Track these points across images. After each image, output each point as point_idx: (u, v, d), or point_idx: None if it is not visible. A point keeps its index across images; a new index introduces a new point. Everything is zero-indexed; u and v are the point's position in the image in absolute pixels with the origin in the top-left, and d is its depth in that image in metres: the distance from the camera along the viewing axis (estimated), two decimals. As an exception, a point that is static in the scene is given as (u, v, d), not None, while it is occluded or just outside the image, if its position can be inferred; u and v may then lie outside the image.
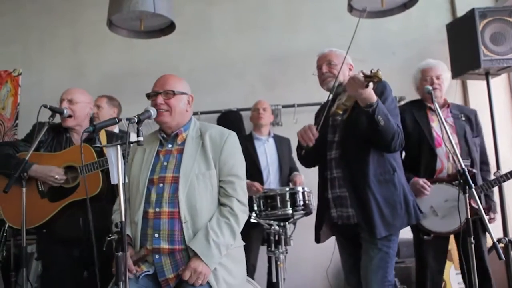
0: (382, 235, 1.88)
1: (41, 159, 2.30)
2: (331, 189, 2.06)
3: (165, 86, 1.80)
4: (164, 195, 1.72)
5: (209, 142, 1.79)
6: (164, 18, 2.71)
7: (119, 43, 3.80)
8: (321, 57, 2.18)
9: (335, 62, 2.12)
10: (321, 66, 2.15)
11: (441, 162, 2.40)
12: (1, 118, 4.05)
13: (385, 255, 1.92)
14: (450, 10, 3.86)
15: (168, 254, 1.70)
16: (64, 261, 2.27)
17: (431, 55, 3.72)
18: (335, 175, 2.04)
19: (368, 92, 1.78)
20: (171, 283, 1.70)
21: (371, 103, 1.80)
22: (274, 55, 3.95)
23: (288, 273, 2.77)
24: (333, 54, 2.15)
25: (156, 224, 1.70)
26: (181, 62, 3.97)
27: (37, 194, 2.29)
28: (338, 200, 2.03)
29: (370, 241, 1.93)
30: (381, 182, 1.93)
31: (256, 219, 2.63)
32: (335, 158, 2.04)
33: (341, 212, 2.02)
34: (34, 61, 4.20)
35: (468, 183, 1.88)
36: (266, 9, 4.05)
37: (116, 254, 1.46)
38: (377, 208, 1.89)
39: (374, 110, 1.79)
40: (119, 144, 1.56)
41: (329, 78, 2.10)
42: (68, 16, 4.24)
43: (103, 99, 3.15)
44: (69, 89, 2.43)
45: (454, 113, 2.50)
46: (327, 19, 3.91)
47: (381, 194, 1.91)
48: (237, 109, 3.83)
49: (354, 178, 1.94)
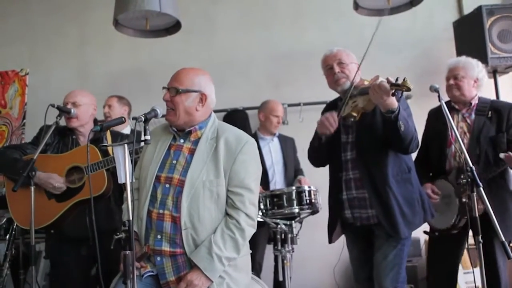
0: (406, 235, 1.91)
1: (48, 160, 2.32)
2: (346, 190, 2.04)
3: (173, 81, 1.73)
4: (169, 197, 1.67)
5: (223, 147, 1.69)
6: (170, 17, 2.72)
7: (125, 43, 3.81)
8: (330, 57, 2.11)
9: (346, 62, 2.08)
10: (332, 66, 2.09)
11: (449, 162, 2.39)
12: (9, 118, 4.08)
13: (399, 252, 1.93)
14: (457, 7, 3.83)
15: (170, 256, 1.66)
16: (72, 259, 2.29)
17: (437, 53, 3.73)
18: (351, 176, 2.02)
19: (391, 99, 1.77)
20: (172, 286, 1.66)
21: (392, 109, 1.79)
22: (279, 54, 3.95)
23: (295, 271, 2.77)
24: (343, 54, 2.10)
25: (159, 226, 1.66)
26: (187, 61, 3.96)
27: (44, 195, 2.31)
28: (355, 201, 2.02)
29: (386, 238, 1.94)
30: (399, 182, 1.95)
31: (262, 217, 2.63)
32: (352, 159, 2.02)
33: (359, 213, 2.01)
34: (40, 61, 4.23)
35: (475, 181, 1.87)
36: (271, 7, 4.04)
37: (123, 252, 1.47)
38: (398, 208, 1.90)
39: (396, 117, 1.78)
40: (126, 143, 1.57)
41: (343, 79, 2.06)
42: (75, 16, 4.25)
43: (114, 99, 3.20)
44: (71, 92, 2.44)
45: (479, 110, 2.39)
46: (332, 17, 3.89)
47: (401, 193, 1.93)
48: (242, 108, 3.84)
49: (374, 179, 1.94)
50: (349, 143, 2.04)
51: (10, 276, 2.99)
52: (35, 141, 2.42)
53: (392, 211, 1.89)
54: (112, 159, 2.23)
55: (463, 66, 2.44)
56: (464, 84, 2.41)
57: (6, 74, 4.16)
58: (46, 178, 2.26)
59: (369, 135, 1.96)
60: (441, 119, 2.35)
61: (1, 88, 4.13)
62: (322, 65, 2.17)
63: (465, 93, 2.42)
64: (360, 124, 1.99)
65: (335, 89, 2.11)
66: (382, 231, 1.95)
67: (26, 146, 2.41)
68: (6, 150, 2.39)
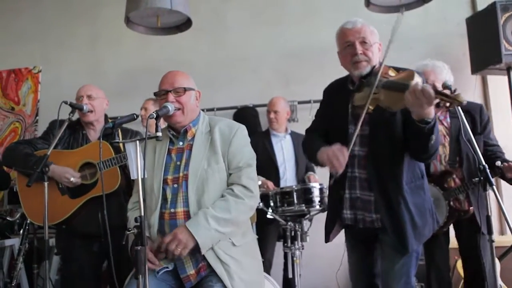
0: (414, 248, 1.70)
1: (60, 156, 2.33)
2: (349, 189, 1.81)
3: (174, 83, 1.76)
4: (178, 195, 1.71)
5: (218, 136, 1.75)
6: (181, 15, 2.73)
7: (135, 40, 3.84)
8: (352, 32, 1.75)
9: (370, 41, 1.74)
10: (354, 43, 1.74)
11: (434, 165, 2.37)
12: (22, 115, 4.15)
13: (408, 261, 1.73)
14: (470, 3, 3.77)
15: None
16: (84, 255, 2.31)
17: (449, 49, 3.68)
18: (357, 174, 1.78)
19: (431, 108, 1.50)
20: (192, 279, 1.69)
21: (428, 120, 1.52)
22: (289, 51, 3.94)
23: (304, 269, 2.77)
24: (368, 30, 1.76)
25: (173, 225, 1.68)
26: (197, 58, 3.99)
27: (57, 192, 2.32)
28: (358, 202, 1.79)
29: (392, 246, 1.73)
30: (413, 189, 1.73)
31: (272, 215, 2.64)
32: (359, 156, 1.77)
33: (362, 215, 1.79)
34: (53, 58, 4.28)
35: (489, 180, 1.85)
36: (282, 4, 4.03)
37: (135, 248, 1.47)
38: (410, 220, 1.69)
39: (431, 129, 1.53)
40: (138, 140, 1.58)
41: (364, 62, 1.73)
42: (86, 14, 4.30)
43: (150, 102, 3.23)
44: (85, 85, 2.46)
45: (453, 112, 2.35)
46: (343, 14, 3.82)
47: (414, 203, 1.71)
48: (253, 105, 3.84)
49: (385, 184, 1.70)
50: (358, 136, 1.71)
51: (24, 270, 3.04)
52: (45, 136, 2.44)
53: (402, 223, 1.68)
54: (125, 156, 2.24)
55: (431, 69, 2.38)
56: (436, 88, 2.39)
57: (20, 71, 4.22)
58: (62, 172, 2.27)
59: (385, 132, 1.69)
60: None
61: (15, 85, 4.19)
62: (338, 40, 1.82)
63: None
64: (375, 117, 1.70)
65: (350, 71, 1.80)
66: (385, 237, 1.75)
67: (36, 141, 2.43)
68: (18, 146, 2.41)
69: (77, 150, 2.38)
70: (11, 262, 3.13)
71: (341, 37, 1.80)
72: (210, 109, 3.82)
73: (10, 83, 4.21)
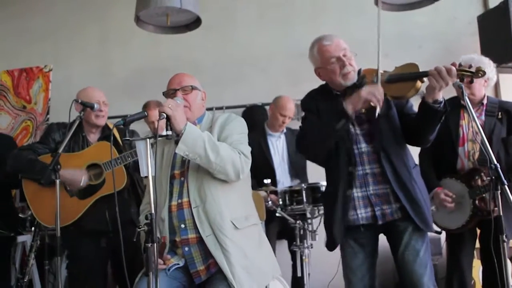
0: (433, 228, 1.88)
1: (64, 159, 2.30)
2: (360, 187, 1.84)
3: (182, 82, 1.84)
4: (183, 186, 1.75)
5: (217, 127, 1.81)
6: (190, 14, 2.74)
7: (145, 39, 3.86)
8: (334, 46, 1.89)
9: (350, 52, 1.90)
10: (339, 57, 1.86)
11: (462, 162, 2.35)
12: (34, 113, 4.19)
13: (428, 248, 1.84)
14: (481, 1, 3.74)
15: (196, 243, 1.69)
16: (92, 252, 2.34)
17: (460, 48, 3.64)
18: (368, 171, 1.84)
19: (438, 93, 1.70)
20: (202, 275, 1.70)
21: (440, 100, 1.71)
22: (298, 50, 3.90)
23: (313, 268, 2.76)
24: (345, 43, 1.92)
25: (180, 215, 1.72)
26: (206, 57, 4.00)
27: (65, 194, 2.34)
28: (374, 198, 1.82)
29: (410, 234, 1.81)
30: (416, 174, 1.89)
31: (280, 213, 2.64)
32: (367, 152, 1.85)
33: (381, 210, 1.82)
34: (63, 57, 4.32)
35: (501, 179, 1.82)
36: (291, 3, 4.03)
37: (146, 245, 1.48)
38: (423, 201, 1.83)
39: (443, 108, 1.71)
40: (148, 138, 1.59)
41: (352, 72, 1.87)
42: (96, 14, 4.34)
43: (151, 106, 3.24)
44: (97, 90, 2.47)
45: (489, 110, 2.37)
46: (352, 13, 3.85)
47: (421, 186, 1.88)
48: (261, 103, 3.84)
49: (399, 174, 1.82)
50: (361, 135, 1.86)
51: (35, 266, 3.08)
52: (44, 140, 2.44)
53: (420, 204, 1.80)
54: (129, 154, 2.31)
55: (476, 64, 2.36)
56: (475, 83, 2.34)
57: (31, 70, 4.27)
58: (71, 176, 2.30)
59: (388, 126, 1.85)
60: (453, 117, 2.32)
61: (26, 84, 4.24)
62: (320, 57, 1.93)
63: (475, 92, 2.36)
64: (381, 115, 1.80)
65: (338, 83, 1.88)
66: (406, 226, 1.81)
67: (37, 146, 2.43)
68: (22, 152, 2.41)
69: (80, 152, 2.40)
70: (23, 258, 3.17)
71: (323, 54, 1.91)
72: (219, 107, 3.83)
73: (22, 82, 4.26)
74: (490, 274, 2.23)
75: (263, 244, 1.82)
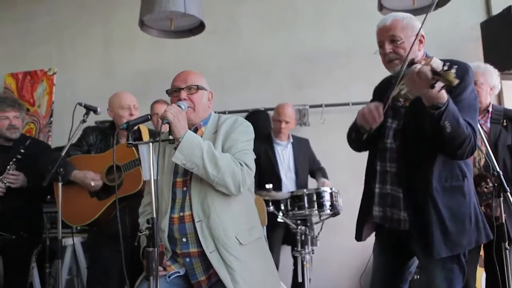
0: (442, 256, 1.53)
1: (89, 160, 2.45)
2: (380, 183, 1.70)
3: (187, 81, 1.74)
4: (186, 198, 1.67)
5: (222, 133, 1.71)
6: (194, 18, 2.75)
7: (149, 43, 3.88)
8: (381, 30, 1.69)
9: (401, 38, 1.64)
10: (383, 43, 1.67)
11: None
12: (37, 116, 4.22)
13: (449, 274, 1.57)
14: (485, 7, 3.73)
15: (198, 256, 1.65)
16: (110, 254, 2.34)
17: (463, 54, 3.63)
18: (388, 168, 1.69)
19: (436, 92, 1.40)
20: (203, 285, 1.66)
21: (438, 105, 1.43)
22: (302, 55, 3.94)
23: (314, 273, 2.76)
24: (398, 26, 1.65)
25: (182, 229, 1.65)
26: (209, 61, 4.02)
27: (87, 194, 2.42)
28: (389, 198, 1.68)
29: (422, 252, 1.60)
30: (447, 190, 1.57)
31: (282, 218, 2.63)
32: (391, 149, 1.68)
33: (390, 212, 1.68)
34: (67, 60, 4.35)
35: (503, 186, 1.82)
36: (294, 8, 4.04)
37: (147, 250, 1.46)
38: (438, 222, 1.54)
39: (440, 115, 1.42)
40: (151, 142, 1.58)
41: (395, 61, 1.65)
42: (100, 17, 4.36)
43: (158, 105, 3.27)
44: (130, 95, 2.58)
45: (494, 118, 2.37)
46: (356, 18, 3.86)
47: (446, 205, 1.56)
48: (264, 108, 3.84)
49: (412, 180, 1.60)
50: (391, 129, 1.69)
51: (36, 269, 3.08)
52: (78, 143, 2.55)
53: (428, 223, 1.54)
54: None
55: (482, 72, 2.39)
56: (482, 90, 2.36)
57: (35, 73, 4.30)
58: (82, 177, 2.37)
59: (416, 125, 1.57)
60: None
61: (30, 87, 4.27)
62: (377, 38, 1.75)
63: (481, 100, 2.35)
64: (409, 110, 1.62)
65: (390, 72, 1.73)
66: (415, 241, 1.62)
67: (70, 148, 2.45)
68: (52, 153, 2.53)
69: (104, 154, 2.46)
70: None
71: (376, 37, 1.74)
72: (222, 112, 3.84)
73: (26, 85, 4.29)
74: (494, 282, 2.21)
75: (266, 257, 1.78)
